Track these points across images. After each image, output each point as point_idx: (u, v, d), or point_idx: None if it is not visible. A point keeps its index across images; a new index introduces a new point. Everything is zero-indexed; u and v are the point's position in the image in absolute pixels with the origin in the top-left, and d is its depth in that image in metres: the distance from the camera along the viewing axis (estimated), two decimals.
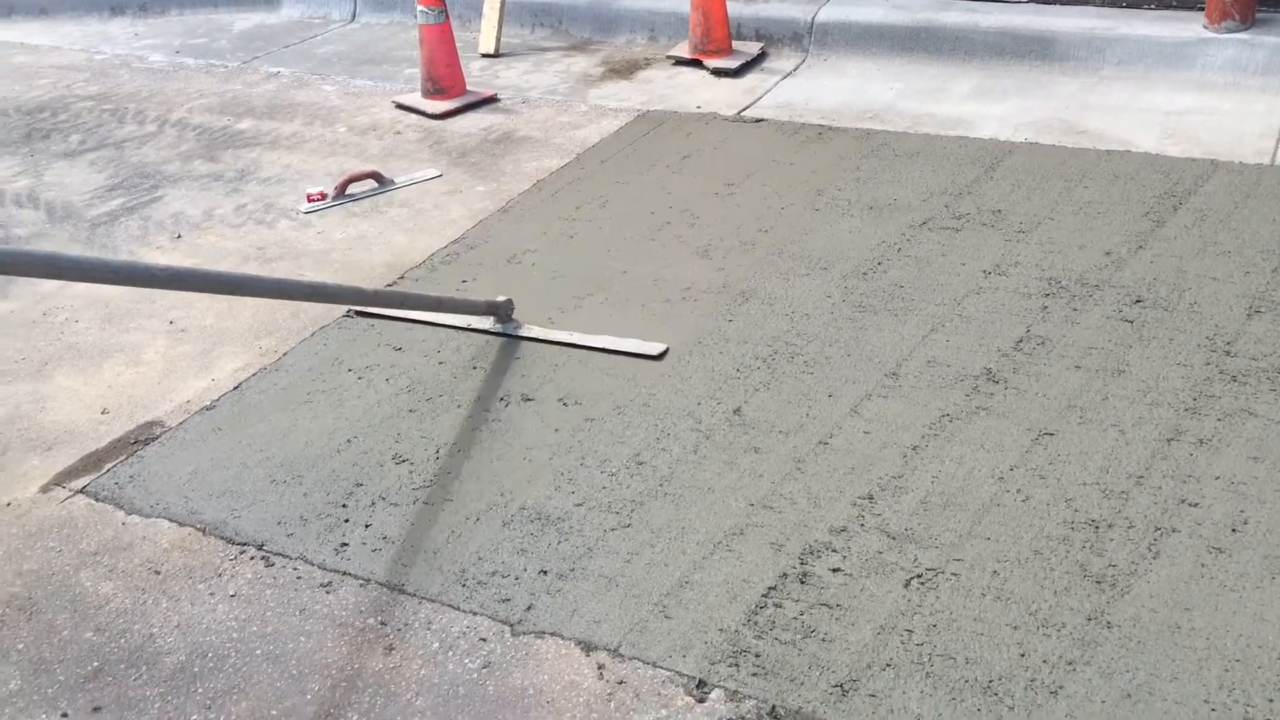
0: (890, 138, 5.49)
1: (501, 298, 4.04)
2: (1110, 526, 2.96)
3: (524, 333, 4.05)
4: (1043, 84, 6.07)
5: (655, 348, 3.87)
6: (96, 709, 2.71)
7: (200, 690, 2.74)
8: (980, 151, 5.26)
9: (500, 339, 4.06)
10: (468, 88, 6.58)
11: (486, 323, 4.09)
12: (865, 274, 4.28)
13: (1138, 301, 3.95)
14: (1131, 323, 3.83)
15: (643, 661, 2.70)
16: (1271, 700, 2.45)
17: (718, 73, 6.62)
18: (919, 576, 2.86)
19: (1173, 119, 5.48)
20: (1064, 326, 3.84)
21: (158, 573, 3.12)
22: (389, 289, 4.28)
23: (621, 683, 2.65)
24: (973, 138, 5.43)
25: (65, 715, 2.70)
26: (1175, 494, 3.05)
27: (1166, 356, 3.63)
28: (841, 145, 5.46)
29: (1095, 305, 3.95)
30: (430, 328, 4.16)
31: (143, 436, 3.71)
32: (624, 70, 6.89)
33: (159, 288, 3.36)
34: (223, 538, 3.23)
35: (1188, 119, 5.46)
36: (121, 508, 3.39)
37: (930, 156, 5.25)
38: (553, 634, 2.80)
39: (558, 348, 3.97)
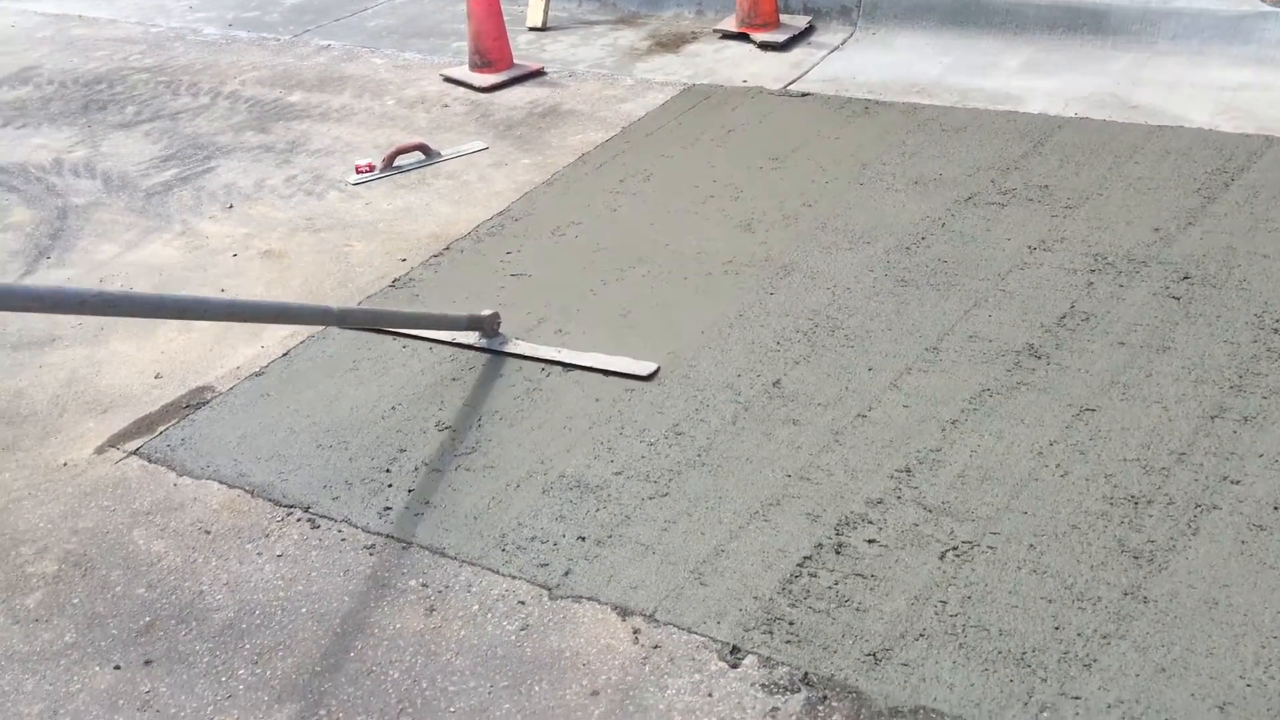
0: (938, 112, 5.45)
1: (487, 311, 3.87)
2: (1150, 502, 2.95)
3: (510, 348, 3.86)
4: (1095, 58, 5.98)
5: (646, 367, 3.69)
6: (148, 662, 2.80)
7: (248, 646, 2.82)
8: (1029, 126, 5.21)
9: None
10: (515, 61, 6.61)
11: (472, 337, 3.91)
12: (908, 249, 4.27)
13: (1185, 278, 3.90)
14: (1178, 299, 3.79)
15: (678, 627, 2.73)
16: None
17: (764, 46, 6.60)
18: (954, 549, 2.87)
19: (1227, 94, 5.38)
20: (1109, 303, 3.81)
21: (208, 532, 3.21)
22: (359, 308, 3.91)
23: (656, 647, 2.69)
24: (1022, 112, 5.37)
25: (118, 667, 2.79)
26: (1217, 471, 3.02)
27: (1213, 333, 3.59)
28: (888, 120, 5.42)
29: (1142, 281, 3.91)
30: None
31: (194, 401, 3.80)
32: (671, 44, 6.89)
33: (88, 314, 3.13)
34: (270, 500, 3.30)
35: (1243, 94, 5.36)
36: (173, 469, 3.48)
37: (978, 131, 5.20)
38: (590, 598, 2.85)
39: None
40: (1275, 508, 2.88)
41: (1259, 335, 3.56)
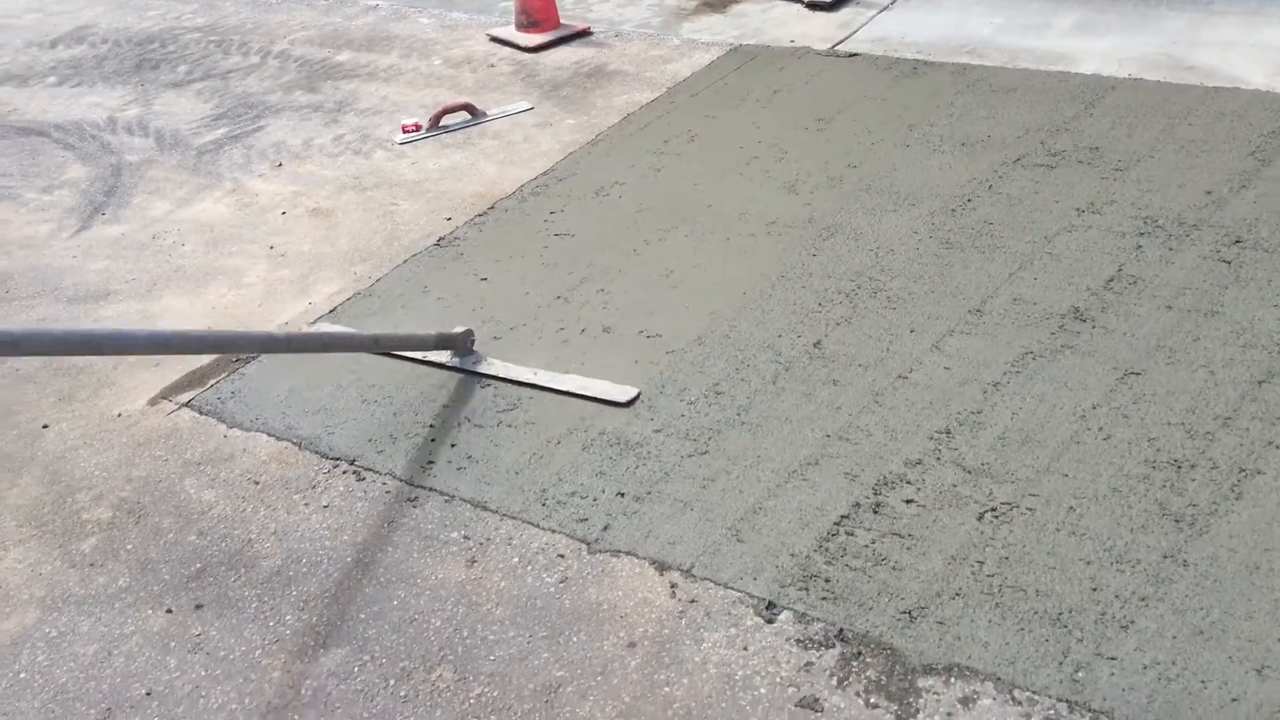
0: (987, 73, 5.38)
1: (459, 328, 3.63)
2: (1193, 466, 2.93)
3: (484, 369, 3.61)
4: (1149, 19, 5.86)
5: (625, 393, 3.42)
6: (199, 606, 2.88)
7: (295, 593, 2.89)
8: (1080, 87, 5.13)
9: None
10: (561, 21, 6.60)
11: (444, 356, 3.68)
12: (954, 210, 4.23)
13: (1237, 242, 3.84)
14: (1229, 263, 3.73)
15: (714, 582, 2.77)
16: None
17: (813, 6, 6.53)
18: (993, 510, 2.87)
19: None
20: (1158, 266, 3.76)
21: (256, 483, 3.28)
22: (310, 332, 3.50)
23: (693, 602, 2.72)
24: (1073, 73, 5.28)
25: (170, 611, 2.87)
26: (1263, 436, 2.99)
27: (1263, 298, 3.54)
28: (936, 80, 5.36)
29: (1192, 245, 3.85)
30: None
31: (244, 355, 3.87)
32: (717, 3, 6.84)
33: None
34: (317, 452, 3.37)
35: None
36: (223, 421, 3.56)
37: (1028, 92, 5.13)
38: (628, 553, 2.88)
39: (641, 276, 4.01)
40: None
41: None
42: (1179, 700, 2.34)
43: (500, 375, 3.57)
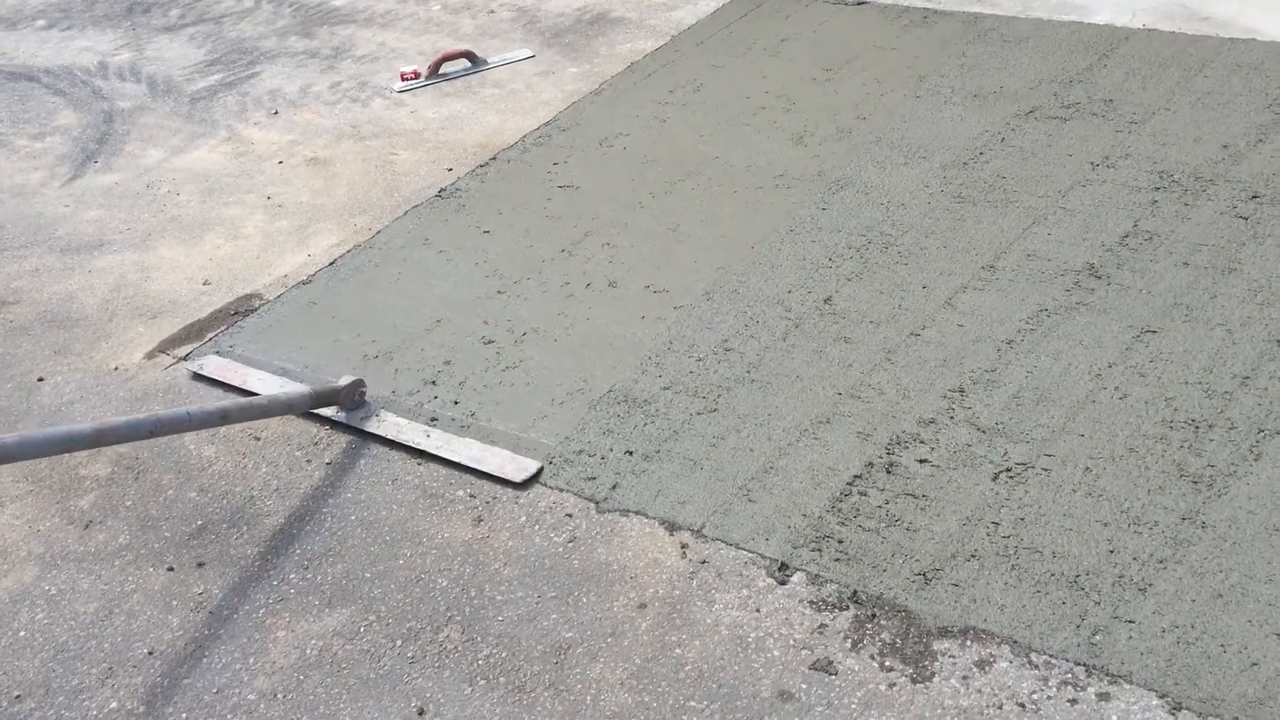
0: (999, 22, 5.27)
1: (345, 380, 3.21)
2: (1211, 427, 2.88)
3: (372, 427, 3.18)
4: None
5: (522, 469, 2.99)
6: (200, 564, 2.84)
7: (298, 551, 2.84)
8: (1094, 38, 5.02)
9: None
10: None
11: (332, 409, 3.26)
12: (966, 164, 4.15)
13: (1254, 197, 3.77)
14: (1246, 219, 3.67)
15: (725, 543, 2.72)
16: None
17: None
18: (1008, 470, 2.83)
19: None
20: (1174, 222, 3.69)
21: (258, 439, 3.22)
22: (170, 415, 2.75)
23: (704, 562, 2.68)
24: (1087, 23, 5.18)
25: (171, 569, 2.83)
26: None
27: None
28: (947, 30, 5.25)
29: (1208, 200, 3.78)
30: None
31: (242, 308, 3.80)
32: None
33: None
34: None
35: None
36: None
37: (1040, 42, 5.03)
38: (637, 513, 2.84)
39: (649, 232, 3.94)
40: None
41: None
42: (1198, 664, 2.31)
43: (390, 438, 3.14)
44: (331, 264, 3.99)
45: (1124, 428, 2.91)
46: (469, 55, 5.40)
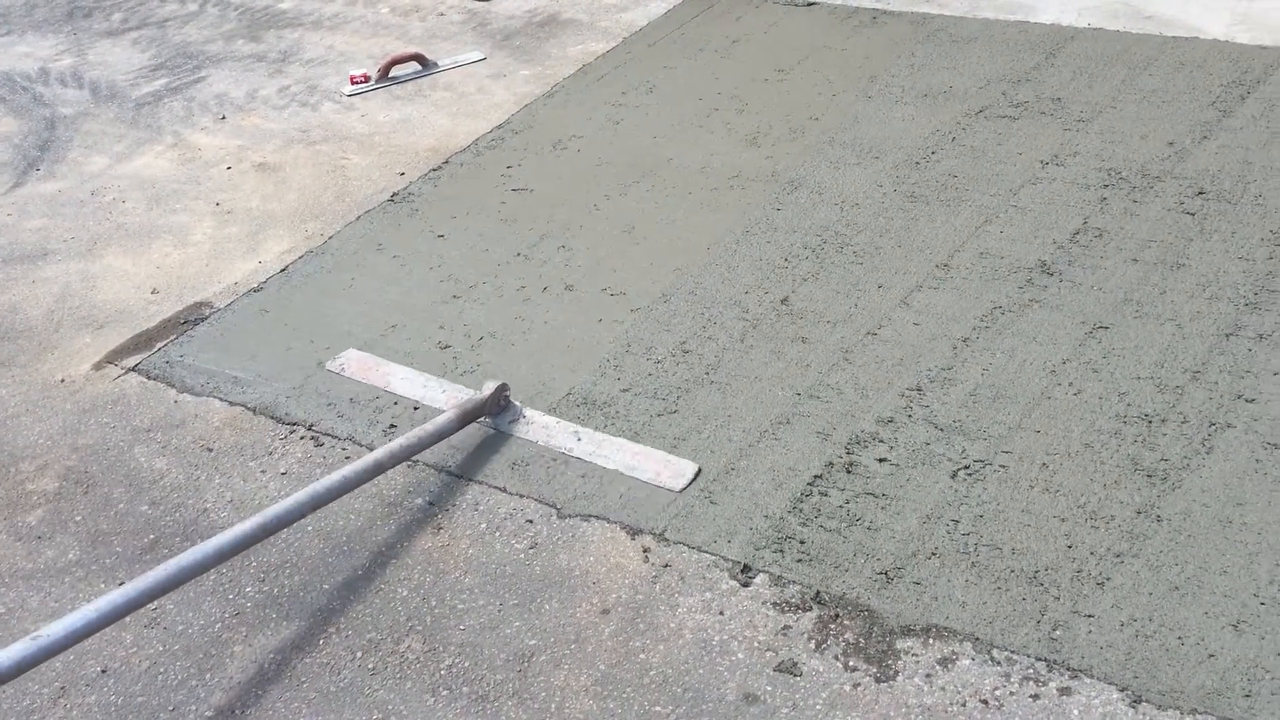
0: (947, 22, 5.31)
1: (489, 386, 3.08)
2: (1164, 421, 2.92)
3: (521, 432, 3.08)
4: None
5: (681, 475, 2.87)
6: None
7: (254, 564, 2.80)
8: (1041, 37, 5.08)
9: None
10: None
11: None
12: (918, 163, 4.18)
13: (1200, 193, 3.83)
14: (1193, 215, 3.72)
15: (688, 546, 2.72)
16: None
17: None
18: (966, 468, 2.84)
19: (1244, 4, 5.25)
20: (1123, 218, 3.74)
21: (210, 450, 3.17)
22: (328, 483, 2.68)
23: (667, 566, 2.67)
24: (1034, 23, 5.24)
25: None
26: (1232, 389, 2.99)
27: (1228, 250, 3.54)
28: (896, 30, 5.29)
29: (1156, 197, 3.84)
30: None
31: (192, 317, 3.74)
32: None
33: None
34: (273, 417, 3.26)
35: (1259, 4, 5.23)
36: (173, 386, 3.43)
37: (989, 42, 5.07)
38: (599, 517, 2.82)
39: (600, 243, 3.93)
40: None
41: (1275, 251, 3.50)
42: (1156, 657, 2.34)
43: (539, 442, 3.04)
44: (283, 270, 3.94)
45: (1079, 423, 2.94)
46: (419, 58, 5.36)
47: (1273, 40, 4.86)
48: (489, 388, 3.07)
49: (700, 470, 2.91)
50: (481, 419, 3.11)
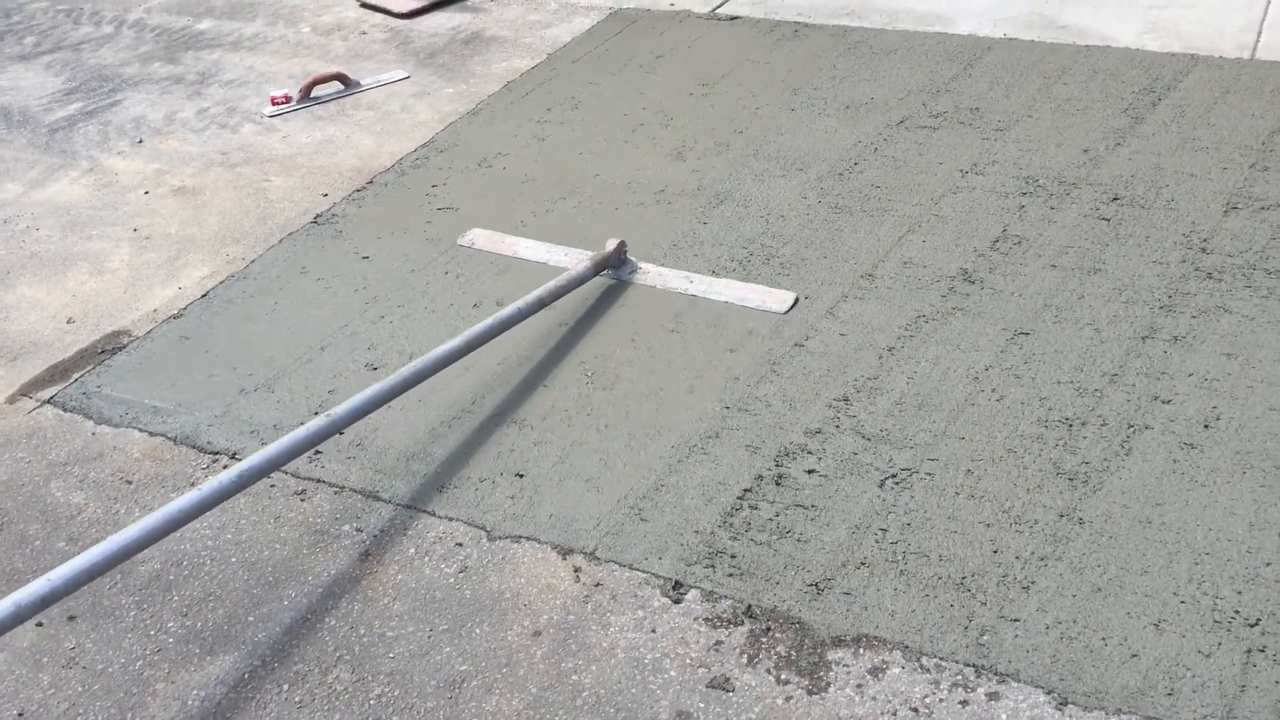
0: (867, 34, 5.38)
1: (612, 244, 3.63)
2: (1084, 424, 2.97)
3: (640, 280, 3.66)
4: None
5: (784, 301, 3.49)
6: (72, 618, 2.71)
7: (176, 598, 2.73)
8: (959, 48, 5.16)
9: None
10: None
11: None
12: (841, 175, 4.22)
13: (1115, 199, 3.91)
14: (1108, 221, 3.80)
15: (619, 564, 2.71)
16: (1240, 592, 2.48)
17: None
18: (893, 476, 2.87)
19: (1154, 12, 5.38)
20: (1041, 225, 3.81)
21: (129, 482, 3.09)
22: (480, 327, 3.19)
23: (598, 585, 2.66)
24: (951, 34, 5.32)
25: (40, 624, 2.69)
26: (1149, 391, 3.05)
27: (1143, 254, 3.61)
28: (817, 43, 5.34)
29: (1072, 204, 3.91)
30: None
31: (110, 346, 3.65)
32: None
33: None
34: (195, 447, 3.20)
35: (1168, 12, 5.37)
36: (90, 418, 3.35)
37: (908, 54, 5.15)
38: (529, 538, 2.80)
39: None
40: (1205, 426, 2.92)
41: (1187, 255, 3.59)
42: (1081, 658, 2.37)
43: (657, 287, 3.63)
44: (204, 296, 3.87)
45: (1002, 429, 2.98)
46: (341, 78, 5.30)
47: (1182, 47, 4.99)
48: (612, 244, 3.63)
49: (798, 299, 3.50)
50: (608, 272, 3.67)
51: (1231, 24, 5.18)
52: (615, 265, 3.67)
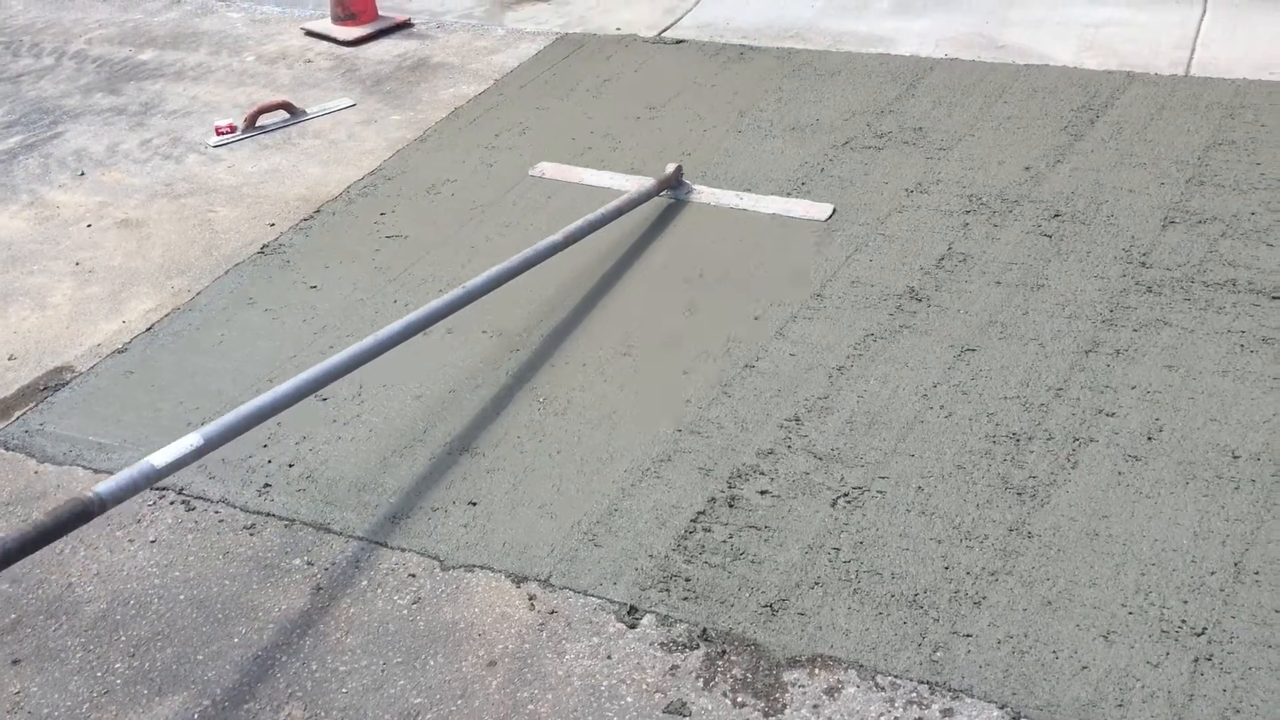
0: (812, 56, 5.44)
1: (671, 167, 4.24)
2: (1030, 439, 3.01)
3: (695, 198, 4.27)
4: None
5: (823, 211, 4.11)
6: (16, 661, 2.65)
7: (123, 638, 2.69)
8: (901, 69, 5.24)
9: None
10: (380, 13, 6.38)
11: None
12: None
13: (1056, 216, 3.98)
14: (1050, 237, 3.86)
15: (574, 590, 2.70)
16: (1186, 602, 2.52)
17: None
18: (845, 495, 2.89)
19: (1090, 31, 5.49)
20: (985, 243, 3.86)
21: None
22: (574, 226, 3.72)
23: (553, 613, 2.65)
24: (894, 55, 5.40)
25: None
26: (1093, 405, 3.10)
27: (1084, 269, 3.67)
28: (763, 65, 5.40)
29: (1015, 221, 3.97)
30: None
31: (52, 382, 3.59)
32: None
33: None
34: None
35: (1105, 31, 5.48)
36: (33, 456, 3.29)
37: (852, 75, 5.21)
38: (483, 567, 2.79)
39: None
40: (1148, 438, 2.97)
41: (1127, 269, 3.65)
42: (1032, 672, 2.40)
43: (711, 204, 4.21)
44: (149, 330, 3.82)
45: (951, 445, 3.01)
46: (287, 106, 5.28)
47: (1118, 65, 5.09)
48: (671, 168, 4.22)
49: (835, 210, 4.08)
50: (667, 192, 4.24)
51: (1166, 42, 5.30)
52: (673, 186, 4.26)
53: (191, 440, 2.59)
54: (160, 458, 2.55)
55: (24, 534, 2.31)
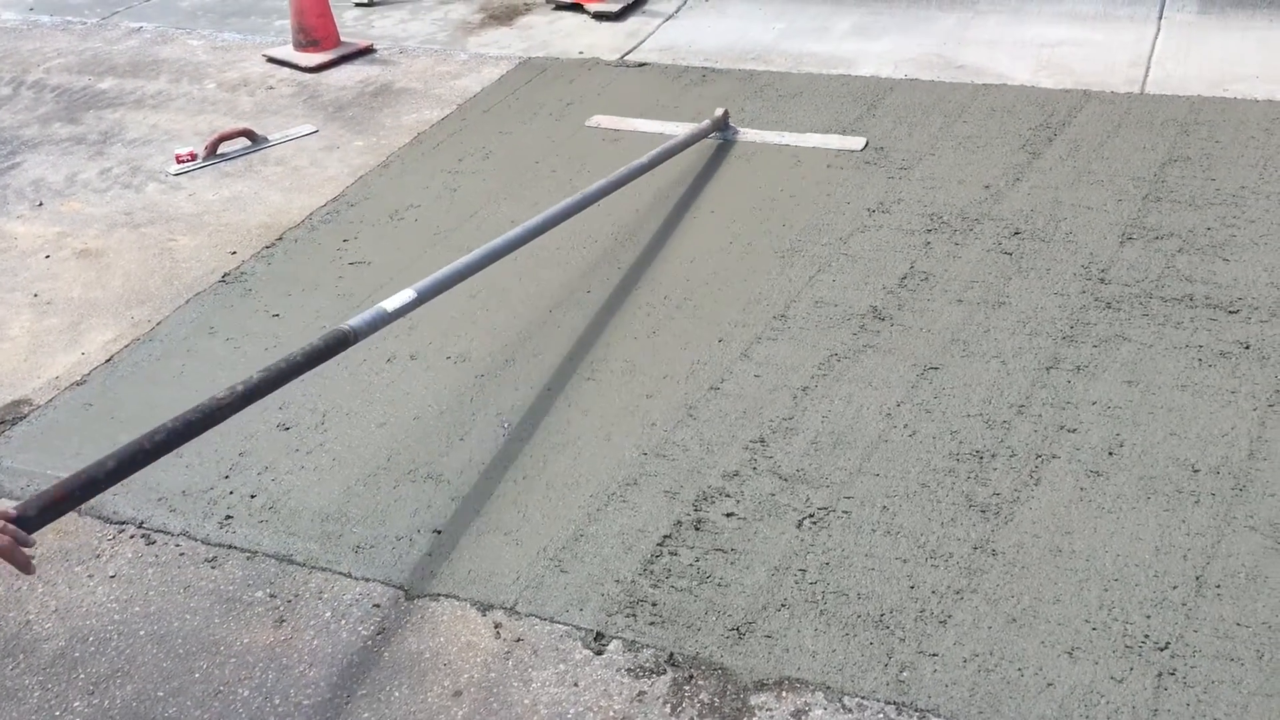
0: (773, 78, 5.48)
1: (720, 111, 4.78)
2: (994, 456, 3.02)
3: (742, 138, 4.83)
4: (921, 20, 6.11)
5: (858, 143, 4.67)
6: None
7: (82, 676, 2.64)
8: (862, 89, 5.28)
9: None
10: (342, 39, 6.38)
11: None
12: (752, 216, 4.27)
13: (1016, 233, 4.02)
14: (1010, 254, 3.90)
15: (539, 617, 2.68)
16: (1149, 616, 2.53)
17: (599, 16, 6.52)
18: (811, 516, 2.89)
19: (1046, 51, 5.56)
20: (946, 261, 3.89)
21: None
22: (627, 170, 4.08)
23: (519, 640, 2.63)
24: (855, 75, 5.44)
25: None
26: (1055, 421, 3.12)
27: (1045, 286, 3.71)
28: (725, 87, 5.43)
29: (976, 239, 4.01)
30: None
31: (9, 416, 3.55)
32: (504, 16, 6.75)
33: None
34: (100, 517, 3.11)
35: (1060, 50, 5.55)
36: None
37: (813, 96, 5.25)
38: (448, 595, 2.76)
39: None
40: (1110, 453, 2.99)
41: (1086, 286, 3.69)
42: (998, 690, 2.40)
43: (757, 141, 4.79)
44: (108, 361, 3.78)
45: (915, 464, 3.02)
46: (248, 133, 5.25)
47: (1074, 83, 5.16)
48: (720, 111, 4.80)
49: (867, 142, 4.69)
50: (716, 134, 4.79)
51: (1120, 60, 5.38)
52: (722, 128, 4.84)
53: (408, 294, 3.06)
54: (390, 304, 3.01)
55: (292, 359, 2.71)
